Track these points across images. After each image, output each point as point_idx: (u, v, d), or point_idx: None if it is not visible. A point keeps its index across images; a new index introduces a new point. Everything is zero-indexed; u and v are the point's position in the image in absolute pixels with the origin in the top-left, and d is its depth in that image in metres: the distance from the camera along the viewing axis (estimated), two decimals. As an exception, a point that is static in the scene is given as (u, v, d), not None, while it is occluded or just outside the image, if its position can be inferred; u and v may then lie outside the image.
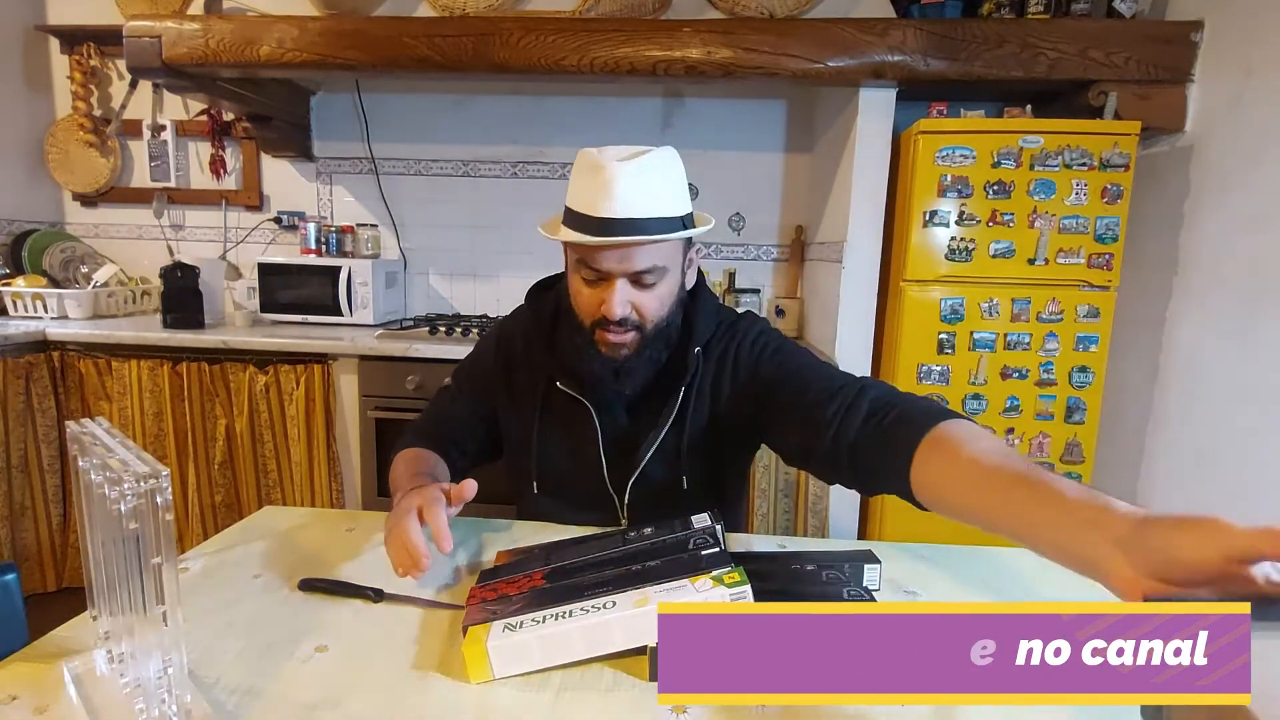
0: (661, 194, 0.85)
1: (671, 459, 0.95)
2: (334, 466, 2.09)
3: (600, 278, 0.87)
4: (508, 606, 0.67)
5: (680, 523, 0.78)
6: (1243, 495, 1.62)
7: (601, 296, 0.87)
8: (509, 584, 0.73)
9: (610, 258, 0.85)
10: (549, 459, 0.99)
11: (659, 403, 0.94)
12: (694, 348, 0.94)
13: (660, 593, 0.64)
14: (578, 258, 0.88)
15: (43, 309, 2.26)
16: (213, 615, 0.72)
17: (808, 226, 2.47)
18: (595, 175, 0.84)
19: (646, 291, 0.88)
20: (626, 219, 0.82)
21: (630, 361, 0.90)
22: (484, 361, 1.07)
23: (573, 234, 0.85)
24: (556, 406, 0.98)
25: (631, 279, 0.86)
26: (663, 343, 0.92)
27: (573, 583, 0.70)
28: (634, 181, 0.83)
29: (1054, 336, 1.84)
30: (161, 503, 0.49)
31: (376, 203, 2.60)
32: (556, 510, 1.00)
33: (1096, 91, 1.83)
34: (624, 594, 0.64)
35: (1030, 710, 0.60)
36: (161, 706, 0.52)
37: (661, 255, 0.87)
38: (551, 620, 0.63)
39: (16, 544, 2.05)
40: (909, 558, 0.92)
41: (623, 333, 0.88)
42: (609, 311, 0.86)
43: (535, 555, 0.80)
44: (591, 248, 0.85)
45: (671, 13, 2.27)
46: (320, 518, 1.00)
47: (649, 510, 0.95)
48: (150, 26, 1.94)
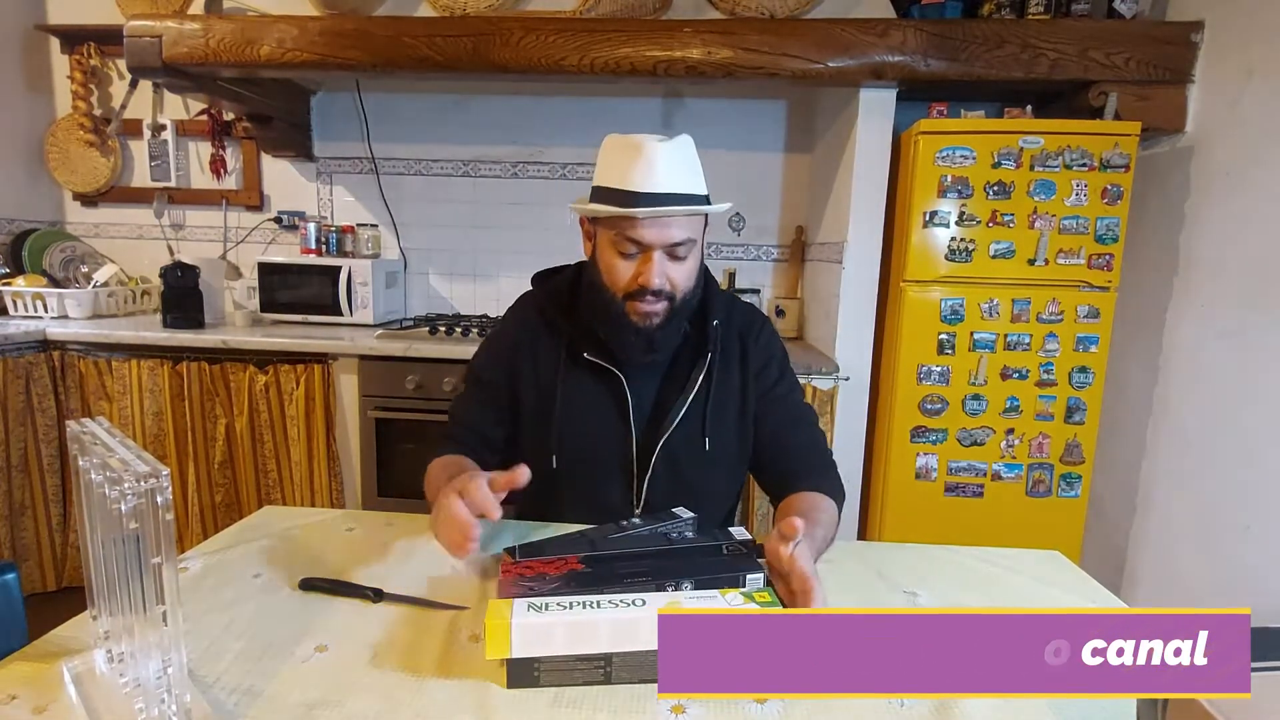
0: (693, 172, 0.94)
1: (696, 425, 1.00)
2: (334, 466, 2.09)
3: (638, 250, 0.92)
4: (544, 585, 0.68)
5: (721, 531, 0.83)
6: (1243, 495, 1.62)
7: (638, 269, 0.93)
8: (548, 564, 0.73)
9: (651, 230, 0.90)
10: (570, 429, 1.01)
11: (684, 372, 1.01)
12: (713, 320, 1.01)
13: (692, 599, 0.64)
14: (615, 233, 0.92)
15: (43, 309, 2.26)
16: (213, 615, 0.72)
17: (808, 226, 2.47)
18: (634, 153, 0.90)
19: (679, 263, 0.94)
20: (668, 193, 0.89)
21: (662, 331, 0.95)
22: (499, 345, 1.08)
23: (617, 209, 0.90)
24: (579, 377, 1.01)
25: (667, 251, 0.92)
26: (686, 314, 0.99)
27: (611, 570, 0.71)
28: (672, 158, 0.91)
29: (1054, 337, 1.84)
30: (161, 502, 0.50)
31: (376, 203, 2.60)
32: (571, 486, 1.02)
33: (1097, 92, 1.83)
34: (656, 595, 0.65)
35: (1025, 707, 0.60)
36: (161, 706, 0.52)
37: (694, 228, 0.94)
38: (579, 608, 0.62)
39: (16, 543, 2.05)
40: (909, 557, 0.92)
41: (656, 303, 0.93)
42: (648, 282, 0.91)
43: (577, 540, 0.81)
44: (633, 221, 0.90)
45: (672, 13, 2.27)
46: (320, 518, 1.00)
47: (670, 480, 1.00)
48: (151, 26, 1.94)
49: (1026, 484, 1.90)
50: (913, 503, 1.94)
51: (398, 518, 1.00)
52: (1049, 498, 1.90)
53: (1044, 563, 0.92)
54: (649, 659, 0.62)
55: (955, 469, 1.91)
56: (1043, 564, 0.92)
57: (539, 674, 0.62)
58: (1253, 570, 1.59)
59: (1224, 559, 1.66)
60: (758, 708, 0.60)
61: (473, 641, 0.68)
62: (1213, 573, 1.70)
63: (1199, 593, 1.74)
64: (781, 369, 1.07)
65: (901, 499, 1.94)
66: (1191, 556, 1.77)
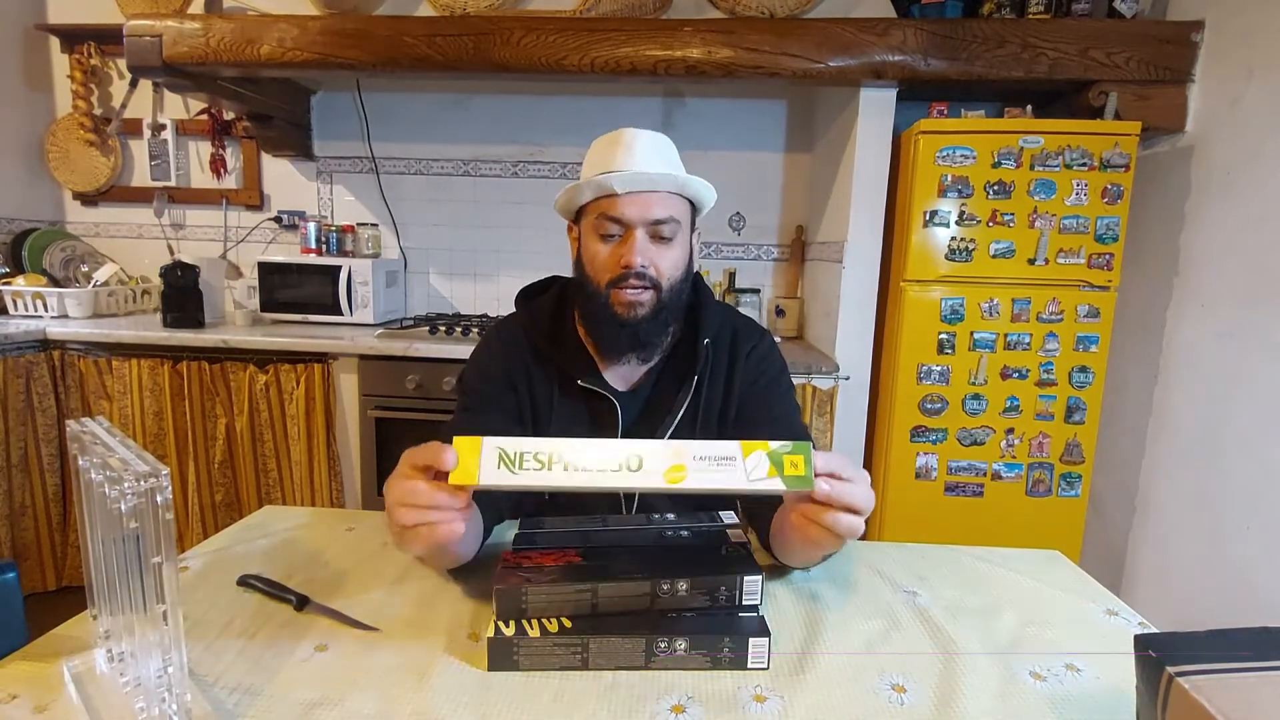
0: (672, 159, 0.95)
1: None
2: (334, 466, 2.09)
3: (620, 231, 0.91)
4: (541, 576, 0.68)
5: (708, 516, 0.84)
6: (1243, 495, 1.62)
7: (620, 251, 0.91)
8: (545, 555, 0.73)
9: (630, 207, 0.90)
10: None
11: (672, 395, 0.98)
12: (703, 339, 0.98)
13: (701, 462, 0.58)
14: (597, 214, 0.92)
15: (43, 308, 2.26)
16: (213, 615, 0.72)
17: (808, 226, 2.47)
18: (614, 141, 0.93)
19: (664, 247, 0.92)
20: (646, 173, 0.89)
21: (648, 324, 0.93)
22: (490, 375, 1.03)
23: (596, 179, 0.90)
24: (570, 405, 0.99)
25: (650, 231, 0.91)
26: (674, 313, 0.96)
27: (607, 564, 0.71)
28: (650, 142, 0.93)
29: (1054, 336, 1.84)
30: (161, 502, 0.50)
31: (377, 202, 2.60)
32: (564, 512, 0.99)
33: (1097, 92, 1.83)
34: (657, 449, 0.59)
35: (1025, 707, 0.60)
36: (161, 706, 0.52)
37: (677, 210, 0.93)
38: (560, 468, 0.58)
39: (16, 543, 2.06)
40: (909, 557, 0.92)
41: (640, 289, 0.91)
42: (630, 262, 0.89)
43: (573, 532, 0.81)
44: (612, 200, 0.90)
45: (672, 12, 2.26)
46: (320, 517, 1.00)
47: (665, 502, 0.98)
48: (151, 25, 1.94)
49: (1026, 484, 1.90)
50: (913, 502, 1.94)
51: (398, 517, 1.00)
52: (1049, 497, 1.90)
53: (1044, 563, 0.92)
54: (625, 646, 0.64)
55: (955, 469, 1.91)
56: (1043, 564, 0.92)
57: (518, 657, 0.64)
58: (1253, 570, 1.59)
59: (1224, 559, 1.66)
60: (758, 707, 0.60)
61: (472, 640, 0.69)
62: (1213, 572, 1.70)
63: (1199, 592, 1.74)
64: (771, 383, 1.00)
65: (901, 499, 1.94)
66: (1191, 556, 1.77)
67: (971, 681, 0.64)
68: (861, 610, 0.77)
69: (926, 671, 0.66)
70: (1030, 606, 0.79)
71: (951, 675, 0.65)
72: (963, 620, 0.76)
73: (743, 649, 0.65)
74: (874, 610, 0.77)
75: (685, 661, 0.65)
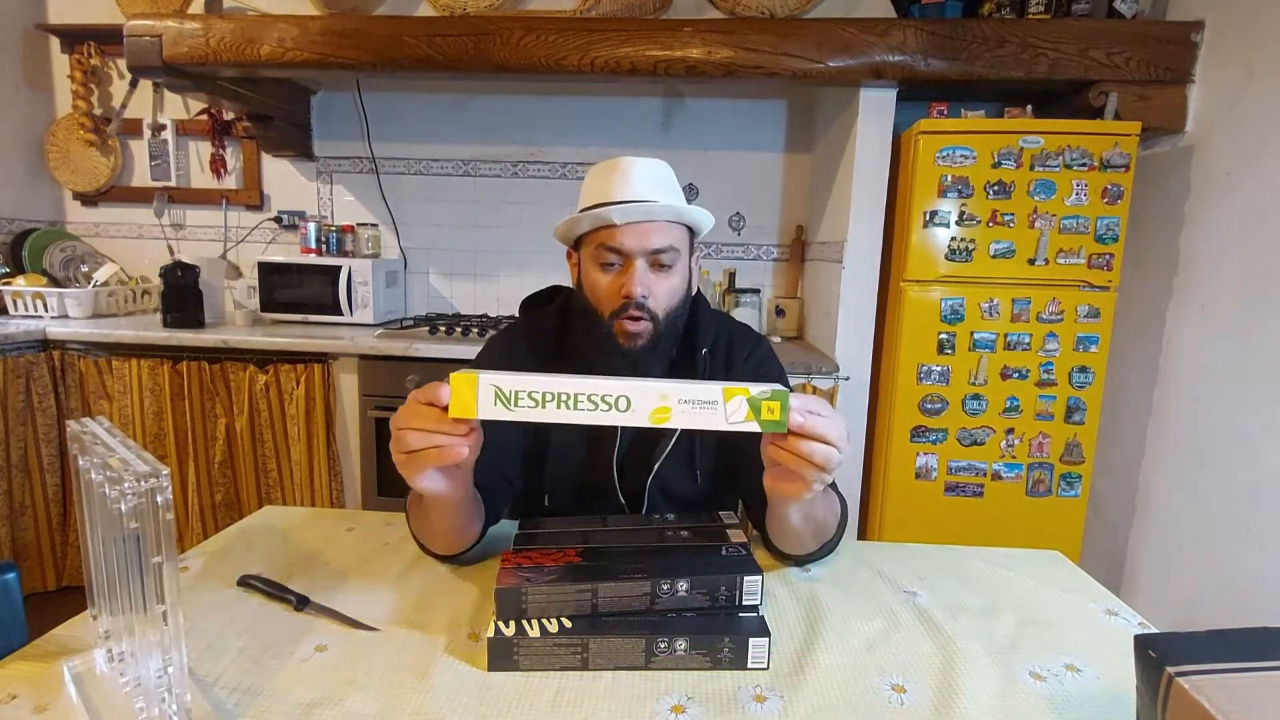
0: (671, 187, 0.95)
1: (684, 459, 0.98)
2: (334, 466, 2.09)
3: (620, 261, 0.91)
4: (541, 576, 0.68)
5: (708, 516, 0.85)
6: (1243, 495, 1.62)
7: (621, 281, 0.91)
8: (545, 555, 0.73)
9: (629, 236, 0.89)
10: (561, 470, 0.99)
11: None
12: (701, 349, 0.98)
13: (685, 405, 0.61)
14: (596, 245, 0.92)
15: (43, 308, 2.26)
16: (213, 615, 0.72)
17: (808, 226, 2.47)
18: (610, 170, 0.92)
19: (663, 276, 0.92)
20: (645, 201, 0.89)
21: (645, 354, 0.93)
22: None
23: (595, 215, 0.89)
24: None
25: (650, 260, 0.91)
26: (671, 340, 0.96)
27: (607, 564, 0.71)
28: (648, 171, 0.92)
29: (1054, 337, 1.84)
30: (161, 502, 0.50)
31: (377, 202, 2.60)
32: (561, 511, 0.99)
33: (1097, 92, 1.83)
34: (643, 387, 0.61)
35: (1025, 707, 0.60)
36: (161, 706, 0.52)
37: (676, 238, 0.92)
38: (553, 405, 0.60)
39: (16, 543, 2.06)
40: (909, 557, 0.92)
41: (640, 321, 0.91)
42: (630, 292, 0.89)
43: (573, 532, 0.81)
44: (611, 230, 0.90)
45: (672, 12, 2.26)
46: (320, 517, 1.00)
47: (661, 502, 0.98)
48: (151, 26, 1.94)
49: (1026, 484, 1.90)
50: (913, 502, 1.94)
51: (397, 518, 1.00)
52: (1049, 497, 1.90)
53: (1044, 563, 0.92)
54: (625, 646, 0.64)
55: (955, 469, 1.91)
56: (1043, 564, 0.92)
57: (518, 657, 0.64)
58: (1253, 570, 1.59)
59: (1224, 559, 1.66)
60: (758, 707, 0.60)
61: (472, 640, 0.69)
62: (1213, 572, 1.70)
63: (1199, 592, 1.74)
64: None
65: (901, 499, 1.94)
66: (1191, 556, 1.77)
67: (971, 682, 0.64)
68: (861, 610, 0.77)
69: (926, 672, 0.66)
70: (1030, 607, 0.80)
71: (951, 675, 0.65)
72: (963, 620, 0.76)
73: (743, 649, 0.65)
74: (874, 610, 0.77)
75: (685, 661, 0.65)
